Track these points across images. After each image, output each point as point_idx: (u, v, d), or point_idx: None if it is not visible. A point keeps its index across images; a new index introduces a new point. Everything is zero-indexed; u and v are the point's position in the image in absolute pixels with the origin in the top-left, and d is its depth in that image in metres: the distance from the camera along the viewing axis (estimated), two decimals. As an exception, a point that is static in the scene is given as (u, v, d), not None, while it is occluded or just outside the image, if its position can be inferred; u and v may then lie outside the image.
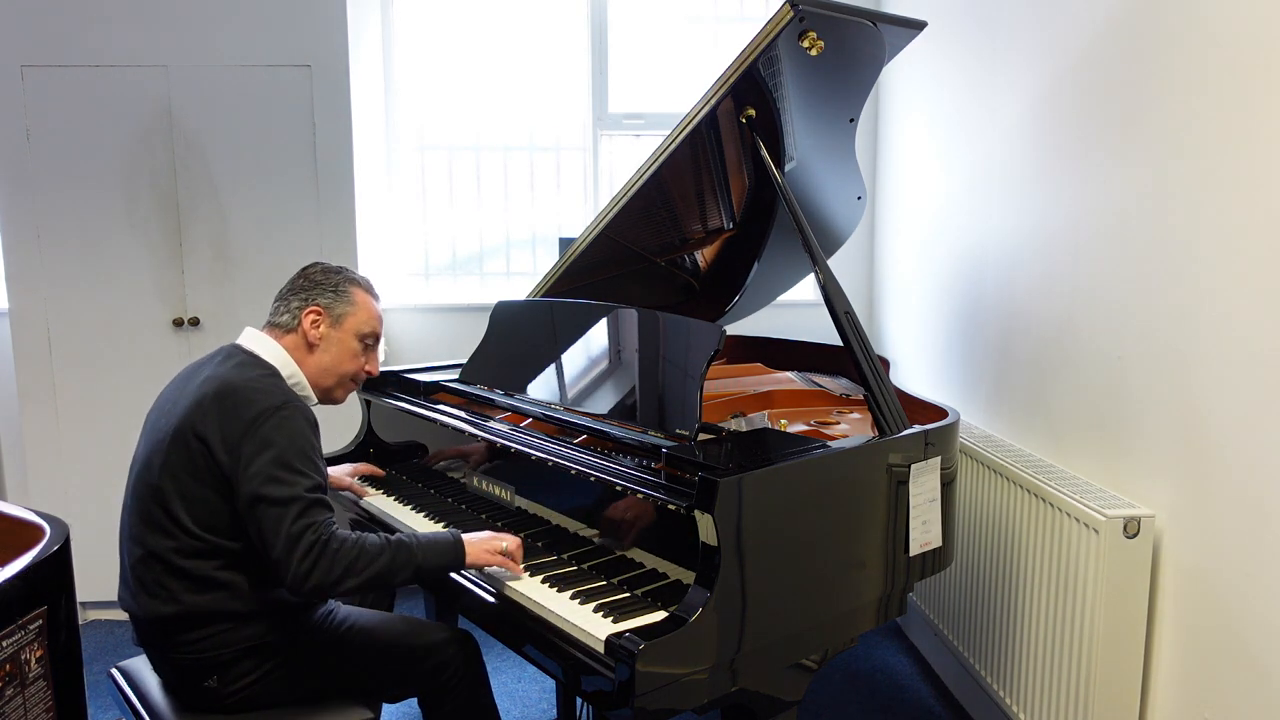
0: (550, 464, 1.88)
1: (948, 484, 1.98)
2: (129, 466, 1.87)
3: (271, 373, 1.82)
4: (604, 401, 2.03)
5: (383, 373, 2.57)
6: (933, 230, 3.13)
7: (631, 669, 1.43)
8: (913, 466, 1.87)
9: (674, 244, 2.56)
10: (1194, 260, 1.82)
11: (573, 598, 1.67)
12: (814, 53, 1.98)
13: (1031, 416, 2.48)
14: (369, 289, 1.98)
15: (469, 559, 1.77)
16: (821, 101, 2.22)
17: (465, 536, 1.80)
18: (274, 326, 1.91)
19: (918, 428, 1.94)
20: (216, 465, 1.71)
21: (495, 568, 1.79)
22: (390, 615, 1.98)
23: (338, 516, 2.11)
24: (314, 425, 1.78)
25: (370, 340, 1.96)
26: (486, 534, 1.82)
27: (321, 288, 1.92)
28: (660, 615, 1.57)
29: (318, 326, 1.90)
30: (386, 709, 2.18)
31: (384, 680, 1.87)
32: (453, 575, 1.88)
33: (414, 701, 1.98)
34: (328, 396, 1.95)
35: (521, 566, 1.80)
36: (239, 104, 3.19)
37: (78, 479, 3.32)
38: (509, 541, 1.80)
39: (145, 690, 1.87)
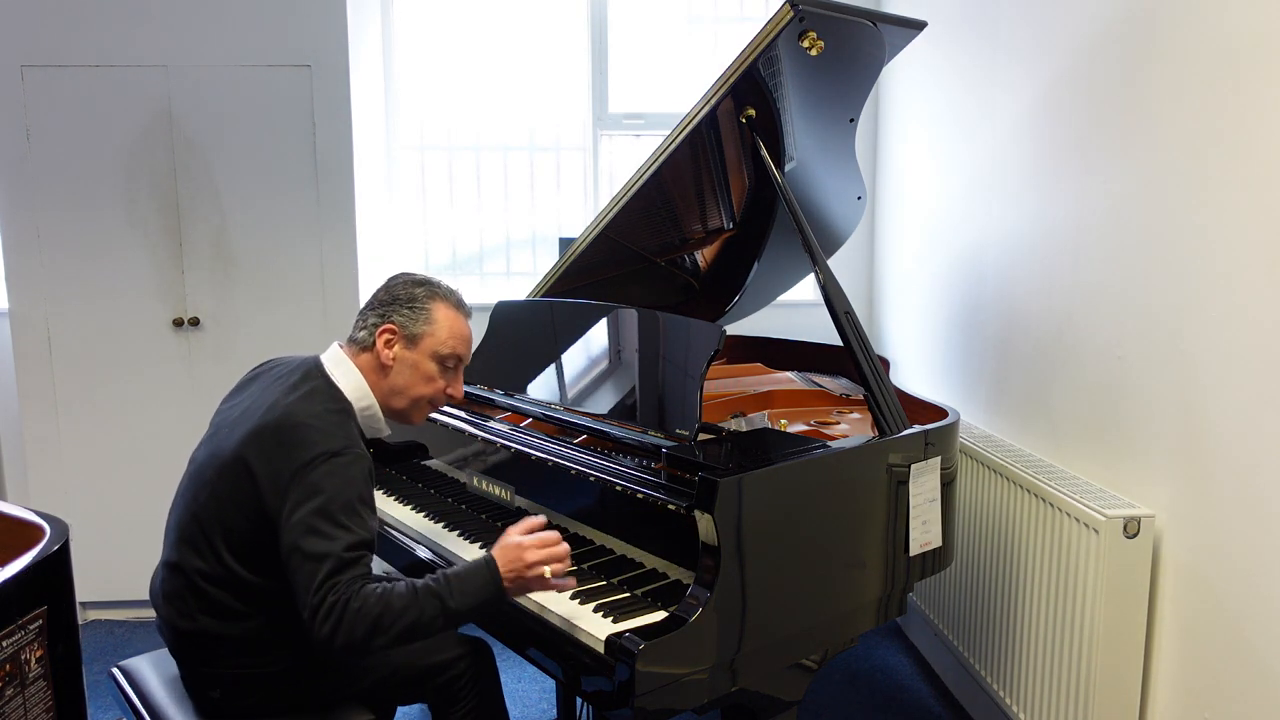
0: (550, 464, 1.88)
1: (948, 484, 1.98)
2: (189, 456, 1.80)
3: (340, 408, 1.70)
4: (604, 401, 2.03)
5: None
6: (933, 230, 3.13)
7: (631, 669, 1.43)
8: (913, 466, 1.87)
9: (674, 244, 2.56)
10: (1194, 259, 1.82)
11: (573, 598, 1.67)
12: (814, 53, 1.98)
13: (1031, 416, 2.48)
14: (457, 304, 1.82)
15: (508, 584, 1.58)
16: (821, 101, 2.22)
17: (497, 553, 1.60)
18: (353, 343, 1.79)
19: (918, 428, 1.94)
20: (260, 502, 1.62)
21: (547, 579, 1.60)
22: None
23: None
24: (370, 474, 1.66)
25: (451, 362, 1.79)
26: (512, 540, 1.61)
27: (399, 303, 1.78)
28: (660, 615, 1.57)
29: (391, 346, 1.76)
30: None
31: (394, 696, 1.85)
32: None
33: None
34: (401, 418, 1.82)
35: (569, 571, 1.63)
36: (239, 104, 3.19)
37: (78, 479, 3.32)
38: (542, 549, 1.59)
39: (145, 690, 1.87)
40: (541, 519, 1.66)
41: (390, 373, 1.76)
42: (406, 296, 1.79)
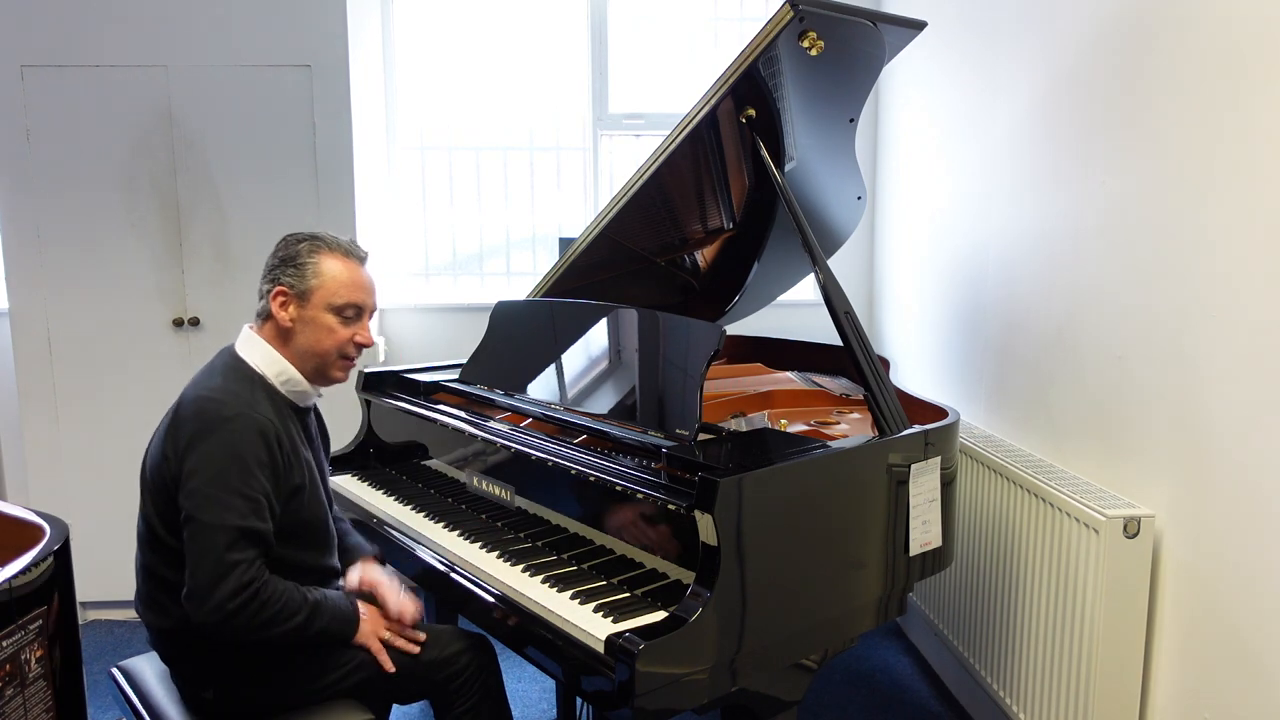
0: (550, 464, 1.88)
1: (948, 484, 1.98)
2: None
3: (243, 376, 1.73)
4: (604, 401, 2.03)
5: (383, 373, 2.57)
6: (933, 230, 3.13)
7: (631, 669, 1.43)
8: (913, 466, 1.87)
9: (674, 244, 2.56)
10: (1194, 259, 1.82)
11: (573, 598, 1.67)
12: (814, 53, 1.98)
13: (1031, 416, 2.48)
14: (345, 252, 1.79)
15: (358, 637, 1.76)
16: (821, 101, 2.22)
17: (362, 610, 1.79)
18: (258, 318, 1.81)
19: (918, 428, 1.94)
20: (176, 480, 1.66)
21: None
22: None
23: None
24: (265, 435, 1.66)
25: (350, 311, 1.77)
26: (381, 620, 1.81)
27: (286, 263, 1.76)
28: (660, 615, 1.57)
29: (286, 308, 1.75)
30: (395, 709, 2.17)
31: (395, 693, 1.85)
32: (453, 575, 1.89)
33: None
34: (322, 378, 1.81)
35: (415, 647, 1.81)
36: (239, 104, 3.19)
37: (78, 479, 3.32)
38: (406, 612, 1.81)
39: (145, 690, 1.87)
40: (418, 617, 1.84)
41: (293, 335, 1.77)
42: (291, 255, 1.77)
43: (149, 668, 1.93)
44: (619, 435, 1.90)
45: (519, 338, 2.37)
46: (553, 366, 2.22)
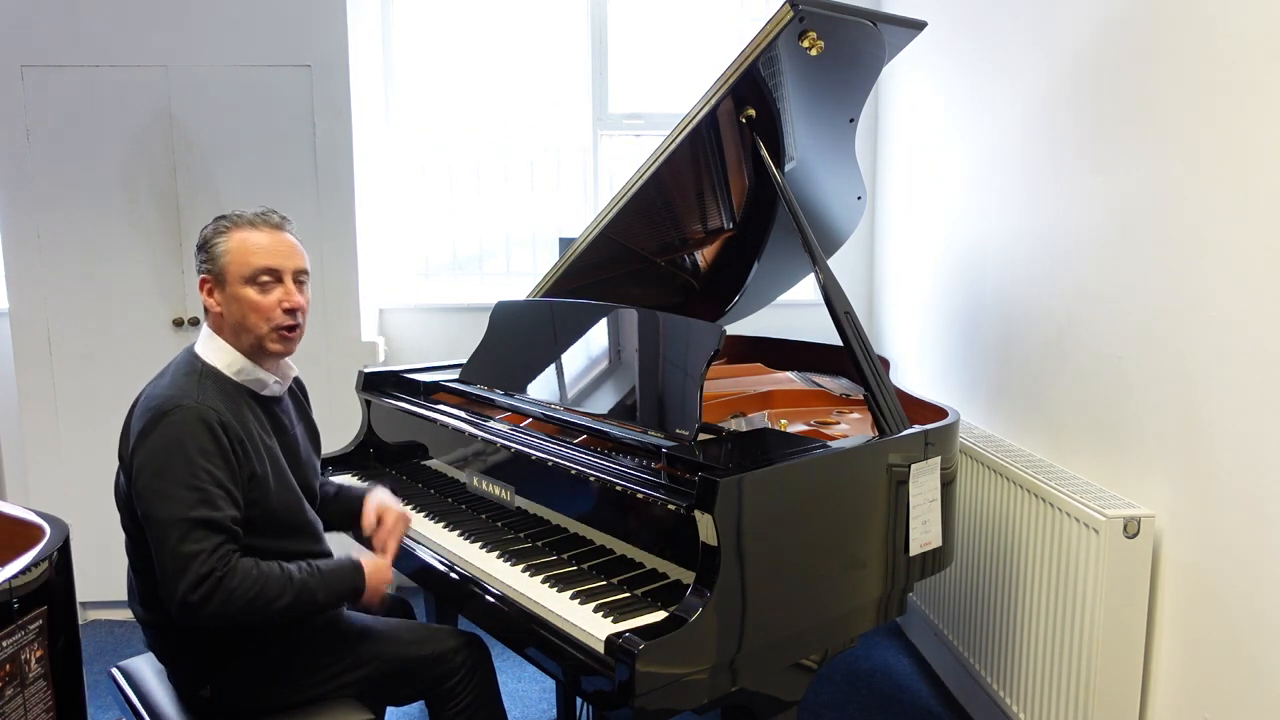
0: (550, 464, 1.88)
1: (948, 484, 1.98)
2: None
3: (189, 372, 1.71)
4: (604, 401, 2.03)
5: (383, 373, 2.57)
6: (933, 230, 3.13)
7: (631, 669, 1.43)
8: (913, 466, 1.87)
9: (674, 244, 2.56)
10: (1194, 260, 1.82)
11: (573, 598, 1.67)
12: (814, 53, 1.98)
13: (1031, 416, 2.48)
14: (249, 222, 1.74)
15: (365, 596, 1.76)
16: (821, 101, 2.22)
17: (369, 567, 1.77)
18: (207, 315, 1.79)
19: (918, 428, 1.94)
20: (128, 484, 1.67)
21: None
22: (397, 622, 1.92)
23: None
24: (207, 423, 1.63)
25: (264, 277, 1.71)
26: (384, 562, 1.81)
27: (202, 252, 1.74)
28: (660, 615, 1.57)
29: (212, 294, 1.74)
30: (390, 710, 2.18)
31: (390, 690, 1.85)
32: (453, 575, 1.89)
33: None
34: (263, 353, 1.76)
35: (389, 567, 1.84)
36: (239, 104, 3.19)
37: (78, 479, 3.32)
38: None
39: (145, 690, 1.87)
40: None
41: (225, 319, 1.75)
42: (202, 241, 1.76)
43: (148, 667, 1.93)
44: (619, 435, 1.90)
45: (519, 338, 2.37)
46: (553, 366, 2.22)
